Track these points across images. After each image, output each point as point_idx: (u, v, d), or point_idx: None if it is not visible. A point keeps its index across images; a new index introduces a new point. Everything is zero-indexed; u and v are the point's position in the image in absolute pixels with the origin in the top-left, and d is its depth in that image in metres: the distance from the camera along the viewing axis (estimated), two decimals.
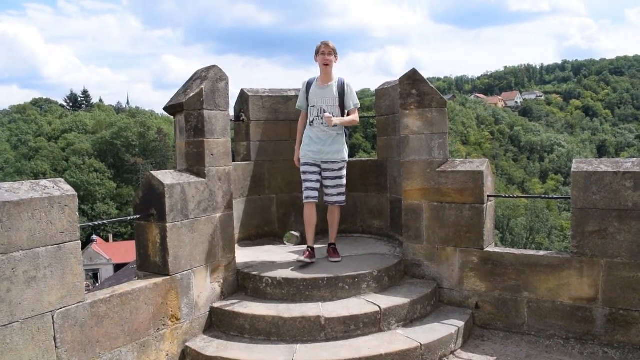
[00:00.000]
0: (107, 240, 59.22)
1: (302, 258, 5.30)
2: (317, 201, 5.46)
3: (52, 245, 3.45)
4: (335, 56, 5.43)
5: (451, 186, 5.20)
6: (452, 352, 4.63)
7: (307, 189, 5.42)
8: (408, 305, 4.79)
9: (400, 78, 5.45)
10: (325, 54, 5.37)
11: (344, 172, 5.57)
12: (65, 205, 3.53)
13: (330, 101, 5.44)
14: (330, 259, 5.47)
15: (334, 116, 5.34)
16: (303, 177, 5.49)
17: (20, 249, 3.27)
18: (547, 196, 7.43)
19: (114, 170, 72.70)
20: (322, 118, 5.36)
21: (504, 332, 5.03)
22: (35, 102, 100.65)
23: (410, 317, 4.81)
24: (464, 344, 4.79)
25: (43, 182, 3.56)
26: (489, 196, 5.21)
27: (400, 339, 4.47)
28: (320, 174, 5.49)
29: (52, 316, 3.47)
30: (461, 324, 4.81)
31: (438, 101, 5.30)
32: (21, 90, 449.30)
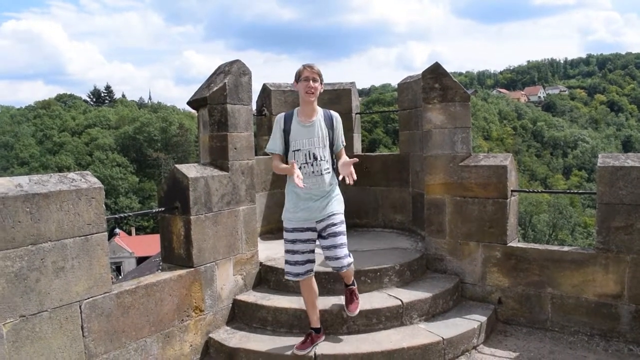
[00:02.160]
0: (129, 233, 59.98)
1: (297, 351, 4.13)
2: (313, 274, 4.24)
3: (79, 236, 3.52)
4: (321, 83, 4.14)
5: (474, 181, 5.17)
6: (475, 347, 4.61)
7: (297, 263, 4.13)
8: (430, 299, 4.79)
9: (423, 72, 5.42)
10: (309, 79, 4.04)
11: (344, 227, 4.21)
12: (92, 198, 3.60)
13: (319, 142, 4.10)
14: (349, 311, 4.42)
15: (326, 160, 4.12)
16: (290, 247, 4.14)
17: (49, 240, 3.34)
18: (572, 191, 7.33)
19: (136, 164, 73.57)
20: (312, 165, 4.06)
21: (527, 327, 5.00)
22: (60, 98, 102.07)
23: (433, 312, 4.80)
24: (487, 339, 4.77)
25: (71, 174, 3.63)
26: (512, 191, 5.17)
27: (422, 333, 4.47)
28: (314, 241, 4.18)
29: (80, 306, 3.54)
30: (484, 319, 4.79)
31: (461, 95, 5.27)
32: (46, 86, 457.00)
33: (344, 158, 4.10)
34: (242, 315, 4.81)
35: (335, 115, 4.23)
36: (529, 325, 5.01)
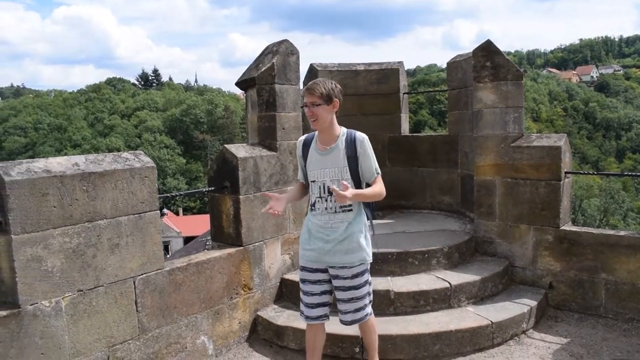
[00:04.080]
0: (177, 214, 61.33)
1: None
2: (327, 320, 3.59)
3: (133, 214, 3.60)
4: (328, 102, 3.34)
5: (526, 162, 5.04)
6: (524, 332, 4.53)
7: (308, 305, 3.52)
8: (479, 282, 4.72)
9: (474, 50, 5.30)
10: (307, 105, 3.36)
11: (365, 278, 3.51)
12: (145, 177, 3.67)
13: (335, 173, 3.39)
14: None
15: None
16: (301, 286, 3.58)
17: (104, 218, 3.44)
18: (627, 174, 7.04)
19: (183, 146, 74.96)
20: (327, 200, 3.41)
21: (578, 313, 4.88)
22: (109, 82, 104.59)
23: (481, 295, 4.74)
24: (536, 324, 4.68)
25: (124, 154, 3.72)
26: (566, 173, 5.01)
27: (470, 316, 4.42)
28: (329, 281, 3.52)
29: (134, 282, 3.64)
30: (534, 303, 4.70)
31: (514, 74, 5.12)
32: (96, 69, 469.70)
33: (354, 190, 3.29)
34: (289, 294, 4.86)
35: (360, 137, 3.41)
36: (581, 311, 4.88)
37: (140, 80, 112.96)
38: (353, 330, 3.88)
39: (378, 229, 5.65)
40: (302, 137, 3.64)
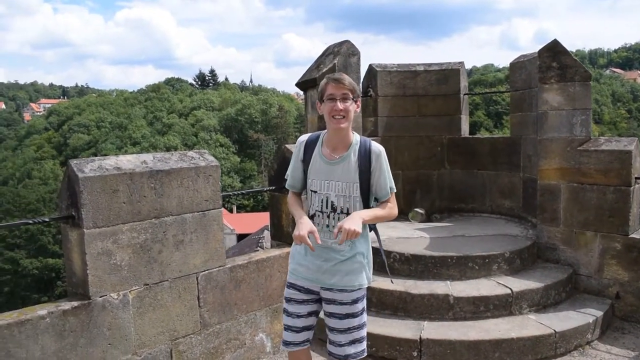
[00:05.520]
0: (231, 211, 62.38)
1: None
2: (308, 346, 3.04)
3: (197, 212, 3.69)
4: (357, 100, 2.85)
5: (593, 166, 4.86)
6: (588, 343, 4.38)
7: (291, 329, 2.96)
8: (541, 289, 4.59)
9: (539, 50, 5.16)
10: (335, 99, 2.76)
11: (364, 304, 2.96)
12: (210, 175, 3.75)
13: (343, 189, 2.86)
14: None
15: (346, 213, 2.84)
16: (285, 305, 3.02)
17: (170, 214, 3.54)
18: None
19: (238, 145, 76.16)
20: (329, 217, 2.88)
21: None
22: (168, 81, 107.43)
23: (544, 303, 4.60)
24: (602, 335, 4.52)
25: (190, 152, 3.81)
26: (636, 178, 4.80)
27: (532, 324, 4.30)
28: (317, 302, 2.99)
29: (197, 278, 3.73)
30: (599, 313, 4.53)
31: (582, 74, 4.96)
32: (156, 70, 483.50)
33: (362, 213, 2.78)
34: None
35: (377, 149, 2.88)
36: None
37: (197, 80, 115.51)
38: None
39: (436, 232, 5.61)
40: (304, 137, 3.04)
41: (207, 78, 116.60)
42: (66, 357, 3.08)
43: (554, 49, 5.06)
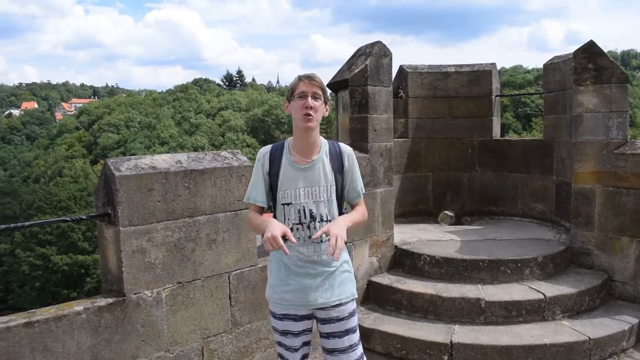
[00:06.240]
0: None
1: None
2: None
3: (230, 211, 3.72)
4: (326, 102, 2.73)
5: (630, 170, 4.76)
6: (624, 351, 4.29)
7: (289, 348, 2.80)
8: (575, 295, 4.50)
9: (574, 51, 5.07)
10: (306, 96, 2.63)
11: (357, 318, 2.84)
12: (242, 175, 3.78)
13: (320, 193, 2.71)
14: None
15: (329, 221, 2.70)
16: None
17: (203, 214, 3.57)
18: None
19: (264, 145, 76.59)
20: (309, 227, 2.69)
21: None
22: (196, 82, 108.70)
23: (577, 309, 4.52)
24: (637, 342, 4.42)
25: (223, 153, 3.84)
26: None
27: (565, 330, 4.22)
28: (310, 319, 2.80)
29: (229, 277, 3.76)
30: (635, 321, 4.43)
31: (618, 76, 4.87)
32: (184, 70, 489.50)
33: (345, 219, 2.67)
34: (376, 297, 4.84)
35: (347, 150, 2.81)
36: None
37: (224, 80, 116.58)
38: None
39: (467, 235, 5.55)
40: (266, 148, 2.87)
41: (234, 79, 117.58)
42: (100, 352, 3.13)
43: (589, 50, 4.97)
